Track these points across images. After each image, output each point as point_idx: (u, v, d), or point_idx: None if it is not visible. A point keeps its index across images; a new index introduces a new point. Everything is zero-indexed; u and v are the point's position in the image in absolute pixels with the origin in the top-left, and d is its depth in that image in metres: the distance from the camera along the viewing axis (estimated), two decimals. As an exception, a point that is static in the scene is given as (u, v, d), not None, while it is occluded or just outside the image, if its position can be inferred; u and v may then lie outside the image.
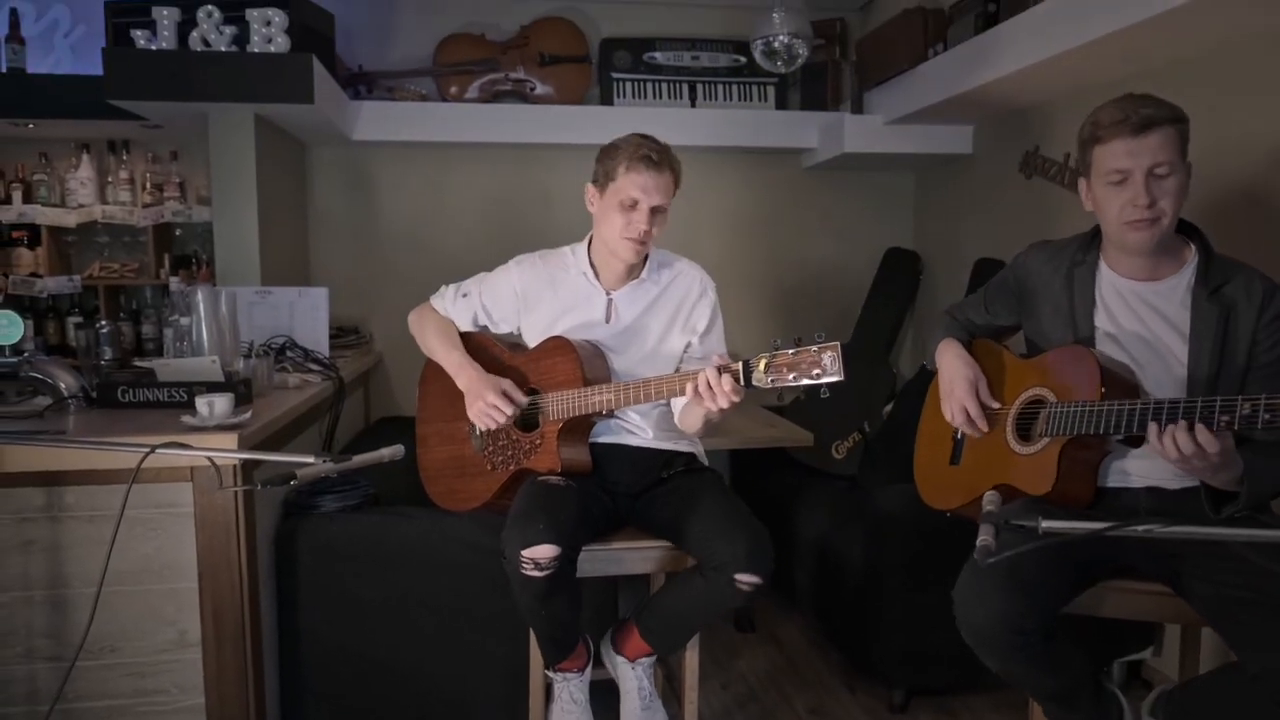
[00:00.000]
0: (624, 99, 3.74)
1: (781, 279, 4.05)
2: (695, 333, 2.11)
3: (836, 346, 1.56)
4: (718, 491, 1.99)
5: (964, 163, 3.63)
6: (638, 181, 1.95)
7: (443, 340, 2.15)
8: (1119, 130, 1.59)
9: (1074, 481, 1.67)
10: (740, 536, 1.82)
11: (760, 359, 1.64)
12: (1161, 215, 1.61)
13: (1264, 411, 1.34)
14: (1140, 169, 1.58)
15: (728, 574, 1.80)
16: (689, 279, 2.14)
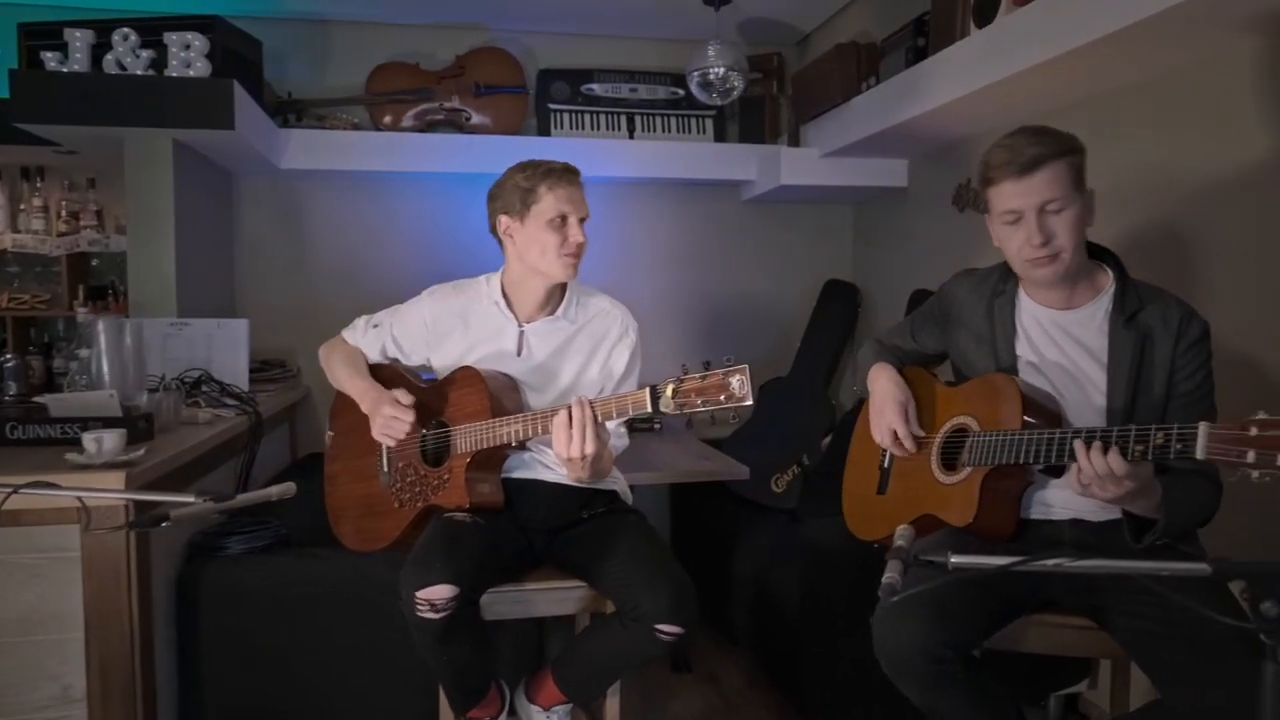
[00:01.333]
0: (562, 130, 3.71)
1: (720, 311, 4.03)
2: (612, 377, 2.04)
3: (745, 370, 1.52)
4: (640, 535, 1.92)
5: (900, 195, 3.66)
6: (563, 196, 1.92)
7: (348, 369, 2.08)
8: (1006, 172, 1.60)
9: (996, 512, 1.65)
10: (662, 585, 1.75)
11: (667, 384, 1.59)
12: (1060, 250, 1.60)
13: (1176, 441, 1.32)
14: (1031, 208, 1.58)
15: (648, 624, 1.74)
16: (609, 319, 2.08)
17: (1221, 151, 2.13)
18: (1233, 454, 1.19)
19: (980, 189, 1.69)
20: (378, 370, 2.10)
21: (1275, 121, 1.99)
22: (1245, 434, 1.18)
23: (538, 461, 2.00)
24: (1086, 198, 1.63)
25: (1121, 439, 1.40)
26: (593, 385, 2.02)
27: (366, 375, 2.06)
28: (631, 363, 2.06)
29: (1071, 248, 1.61)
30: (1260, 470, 1.15)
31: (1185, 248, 2.23)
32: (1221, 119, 2.12)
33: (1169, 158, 2.27)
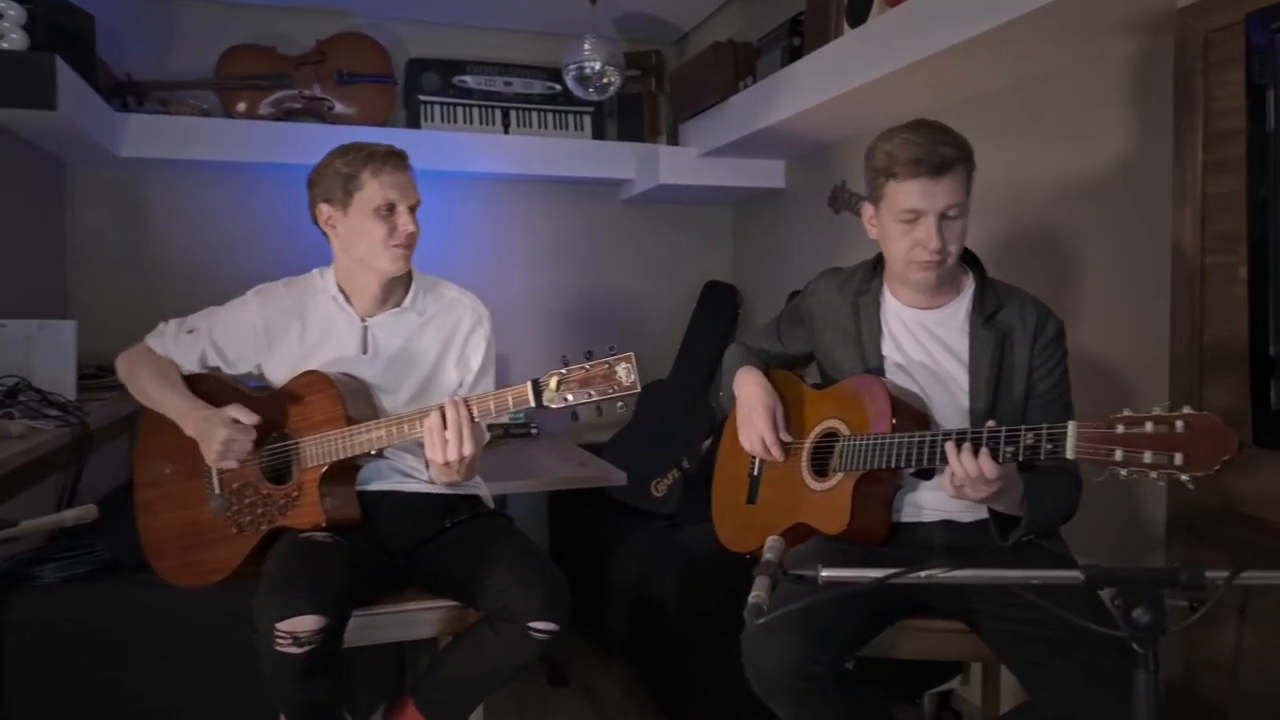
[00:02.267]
0: (433, 123, 3.55)
1: (600, 313, 3.94)
2: (469, 370, 1.91)
3: (631, 357, 1.44)
4: (508, 537, 1.81)
5: (778, 197, 3.66)
6: (389, 182, 1.78)
7: (160, 383, 1.84)
8: (916, 170, 1.53)
9: (868, 518, 1.61)
10: (536, 582, 1.65)
11: (551, 376, 1.49)
12: (948, 256, 1.58)
13: (1046, 442, 1.31)
14: (933, 211, 1.54)
15: (521, 623, 1.63)
16: (460, 308, 1.95)
17: (1085, 155, 2.18)
18: (1101, 453, 1.18)
19: (875, 179, 1.62)
20: (196, 383, 1.88)
21: (1137, 125, 2.04)
22: (1112, 432, 1.16)
23: (395, 470, 1.85)
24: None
25: (992, 440, 1.38)
26: (451, 381, 1.89)
27: (184, 390, 1.84)
28: (488, 354, 1.94)
29: (956, 253, 1.60)
30: (1128, 468, 1.14)
31: (1049, 250, 2.28)
32: (1087, 123, 2.17)
33: (1036, 161, 2.31)
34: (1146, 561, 2.00)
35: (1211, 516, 1.83)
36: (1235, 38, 1.68)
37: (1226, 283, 1.78)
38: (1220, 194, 1.78)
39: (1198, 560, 1.81)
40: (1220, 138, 1.78)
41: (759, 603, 0.97)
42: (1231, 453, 1.06)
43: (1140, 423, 1.15)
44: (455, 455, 1.58)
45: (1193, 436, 1.09)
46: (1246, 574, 0.91)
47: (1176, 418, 1.11)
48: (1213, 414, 1.09)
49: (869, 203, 1.67)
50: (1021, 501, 1.49)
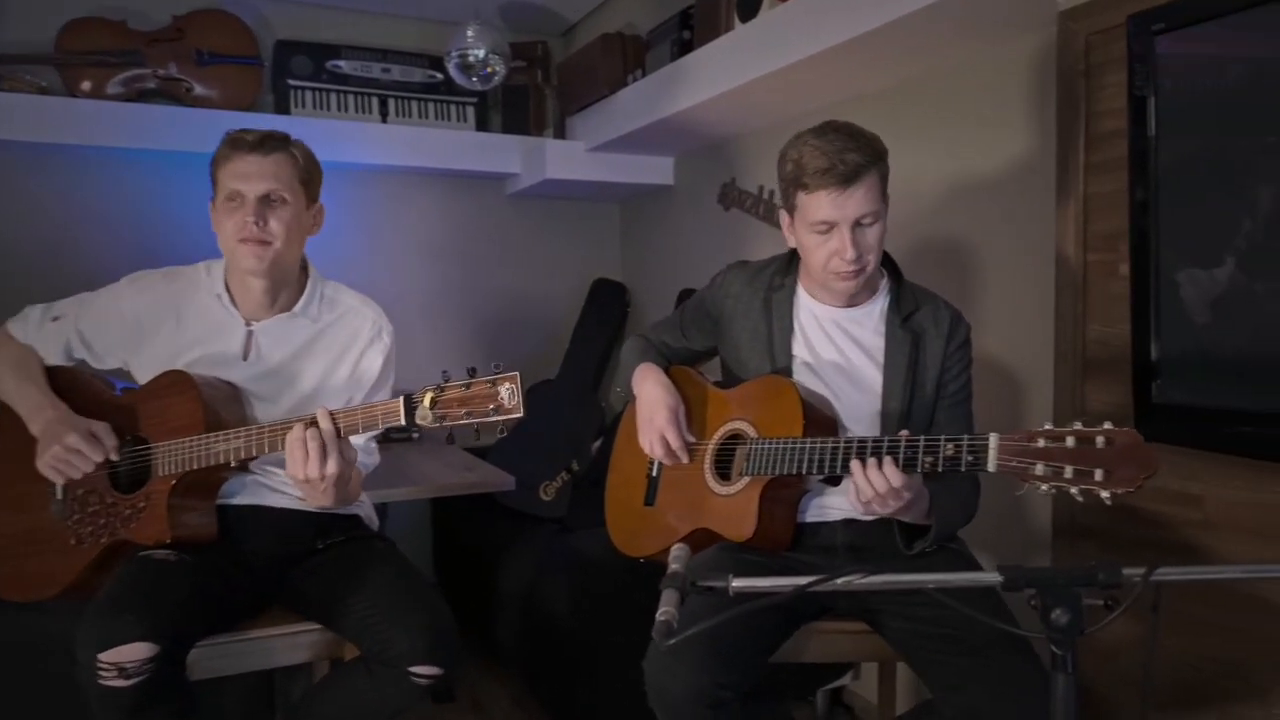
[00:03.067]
0: (303, 109, 3.33)
1: (485, 310, 3.81)
2: (362, 386, 1.77)
3: (515, 378, 1.34)
4: (389, 564, 1.67)
5: (666, 194, 3.62)
6: (238, 169, 1.62)
7: (16, 373, 1.65)
8: (825, 180, 1.47)
9: (775, 523, 1.57)
10: (417, 620, 1.52)
11: (425, 393, 1.38)
12: (867, 264, 1.55)
13: (967, 454, 1.28)
14: (846, 221, 1.50)
15: (400, 667, 1.49)
16: (359, 319, 1.81)
17: (977, 154, 2.20)
18: (1021, 466, 1.16)
19: (786, 188, 1.57)
20: (55, 374, 1.69)
21: (1026, 125, 2.07)
22: (1033, 445, 1.14)
23: (262, 485, 1.69)
24: (888, 204, 1.59)
25: (910, 450, 1.34)
26: (339, 395, 1.74)
27: (43, 384, 1.66)
28: (385, 369, 1.81)
29: (876, 260, 1.57)
30: (1049, 483, 1.12)
31: (942, 250, 2.30)
32: (979, 122, 2.19)
33: (928, 159, 2.33)
34: (1034, 558, 2.04)
35: (1096, 512, 1.88)
36: (1116, 40, 1.72)
37: (1109, 281, 1.83)
38: (1102, 194, 1.83)
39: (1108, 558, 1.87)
40: (1102, 139, 1.83)
41: (668, 620, 0.90)
42: (1152, 471, 1.06)
43: (1061, 437, 1.13)
44: (316, 472, 1.44)
45: (1114, 453, 1.07)
46: (1162, 570, 0.89)
47: (1098, 433, 1.10)
48: (1133, 429, 1.08)
49: (784, 210, 1.62)
50: (928, 511, 1.47)
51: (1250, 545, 1.62)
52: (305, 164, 1.70)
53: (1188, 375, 1.60)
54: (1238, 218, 1.48)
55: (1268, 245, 1.43)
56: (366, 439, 1.73)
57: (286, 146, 1.67)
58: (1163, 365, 1.61)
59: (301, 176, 1.69)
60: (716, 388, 1.73)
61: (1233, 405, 1.53)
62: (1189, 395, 1.60)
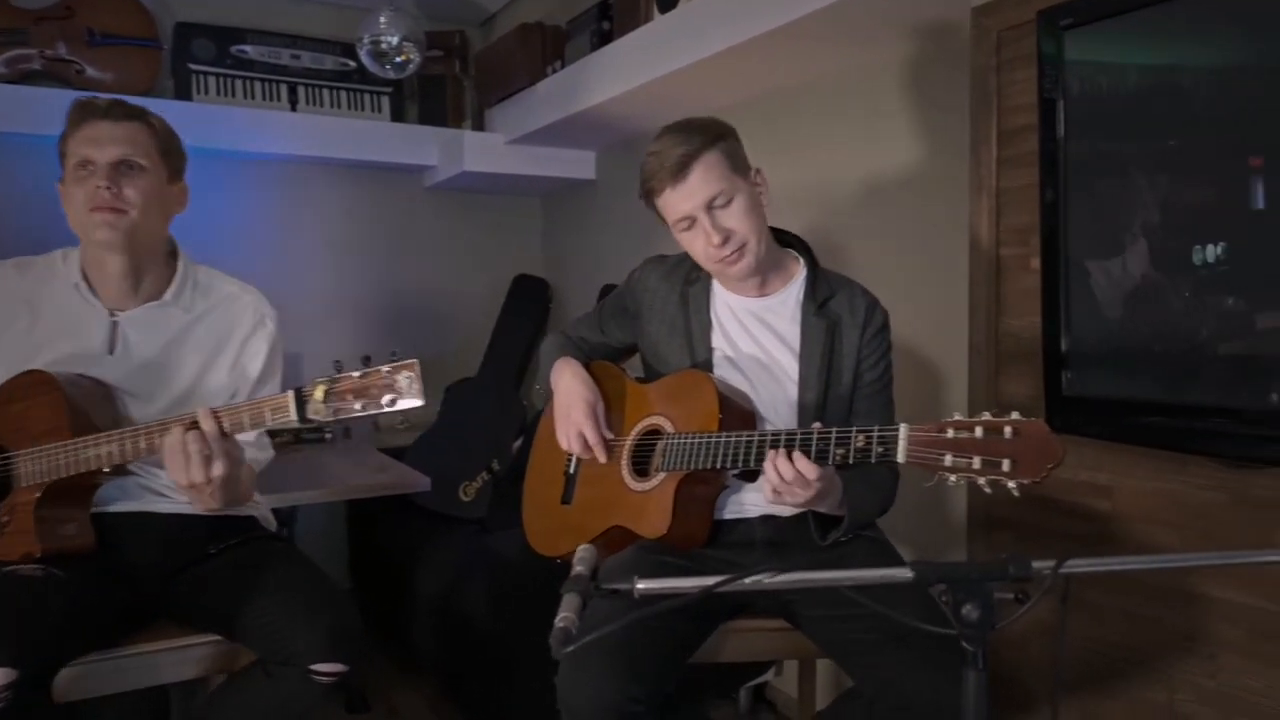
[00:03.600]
0: (206, 95, 3.18)
1: (401, 307, 3.69)
2: (246, 379, 1.67)
3: (414, 366, 1.26)
4: (287, 563, 1.59)
5: (588, 188, 3.57)
6: (88, 135, 1.51)
7: None
8: (662, 180, 1.50)
9: (690, 520, 1.53)
10: (318, 616, 1.44)
11: (318, 385, 1.29)
12: (744, 243, 1.52)
13: (877, 445, 1.26)
14: (699, 210, 1.49)
15: (301, 666, 1.41)
16: (238, 306, 1.70)
17: (895, 148, 2.20)
18: (931, 457, 1.14)
19: (647, 202, 1.58)
20: None
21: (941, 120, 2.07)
22: (942, 436, 1.13)
23: (146, 489, 1.58)
24: (753, 178, 1.56)
25: (822, 442, 1.32)
26: (221, 391, 1.64)
27: None
28: (272, 360, 1.71)
29: (755, 235, 1.53)
30: (957, 474, 1.11)
31: (860, 243, 2.30)
32: (897, 116, 2.19)
33: (846, 153, 2.33)
34: (949, 548, 2.06)
35: (1009, 503, 1.89)
36: (1027, 36, 1.74)
37: (1021, 274, 1.85)
38: (1014, 188, 1.84)
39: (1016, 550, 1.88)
40: (1014, 134, 1.85)
41: (567, 626, 0.85)
42: (1057, 461, 1.05)
43: (970, 427, 1.12)
44: (200, 477, 1.34)
45: (1020, 444, 1.07)
46: (1071, 562, 0.88)
47: (1005, 423, 1.09)
48: (1041, 420, 1.07)
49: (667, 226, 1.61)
50: (842, 501, 1.46)
51: (1156, 534, 1.66)
52: (165, 135, 1.60)
53: (1097, 367, 1.62)
54: (1143, 215, 1.50)
55: (1171, 242, 1.46)
56: (259, 434, 1.63)
57: (144, 115, 1.56)
58: (1072, 357, 1.63)
59: (161, 146, 1.58)
60: (636, 383, 1.69)
61: (1140, 396, 1.55)
62: (1098, 387, 1.62)
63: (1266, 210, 1.34)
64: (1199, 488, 1.59)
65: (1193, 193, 1.43)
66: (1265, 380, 1.37)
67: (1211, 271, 1.41)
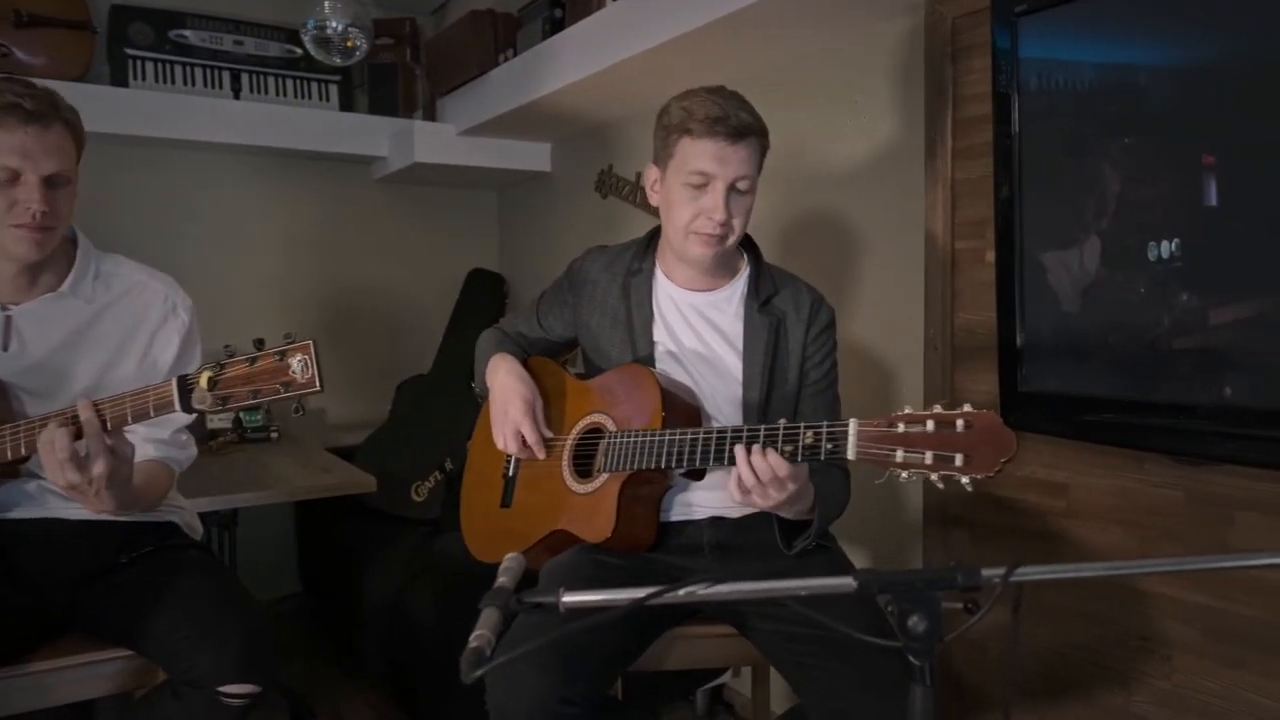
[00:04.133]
0: (143, 81, 3.05)
1: (351, 302, 3.59)
2: (159, 372, 1.57)
3: (308, 347, 1.17)
4: (200, 574, 1.50)
5: (544, 181, 3.49)
6: (11, 144, 1.38)
7: None
8: (714, 130, 1.41)
9: (635, 523, 1.47)
10: (229, 634, 1.36)
11: (203, 373, 1.21)
12: (730, 233, 1.47)
13: (826, 441, 1.21)
14: (725, 178, 1.43)
15: (208, 688, 1.33)
16: (147, 295, 1.60)
17: (853, 138, 2.15)
18: (882, 453, 1.09)
19: (667, 136, 1.48)
20: None
21: (900, 109, 2.03)
22: (893, 431, 1.08)
23: (51, 494, 1.48)
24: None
25: (770, 438, 1.26)
26: (129, 386, 1.54)
27: None
28: (186, 352, 1.60)
29: (739, 232, 1.50)
30: (909, 470, 1.06)
31: (818, 235, 2.26)
32: (855, 106, 2.14)
33: (806, 144, 2.28)
34: (907, 548, 2.02)
35: (966, 502, 1.86)
36: (983, 24, 1.70)
37: (977, 268, 1.81)
38: (970, 179, 1.81)
39: (971, 551, 1.85)
40: (969, 124, 1.81)
41: (480, 646, 0.78)
42: (1009, 454, 1.01)
43: (921, 421, 1.07)
44: (76, 476, 1.25)
45: (973, 437, 1.02)
46: (1022, 570, 0.83)
47: (957, 416, 1.04)
48: (992, 412, 1.03)
49: (654, 165, 1.53)
50: (813, 507, 1.40)
51: (1111, 533, 1.63)
52: (79, 131, 1.49)
53: (1053, 363, 1.59)
54: (1097, 211, 1.47)
55: (1126, 238, 1.43)
56: (174, 431, 1.54)
57: (60, 113, 1.45)
58: (1028, 353, 1.60)
59: (79, 147, 1.48)
60: (576, 379, 1.62)
61: (1095, 393, 1.52)
62: (1054, 383, 1.59)
63: (1220, 207, 1.32)
64: (1155, 485, 1.56)
65: (1148, 189, 1.41)
66: (1219, 376, 1.34)
67: (1166, 267, 1.38)
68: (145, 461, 1.49)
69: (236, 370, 1.20)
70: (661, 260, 1.59)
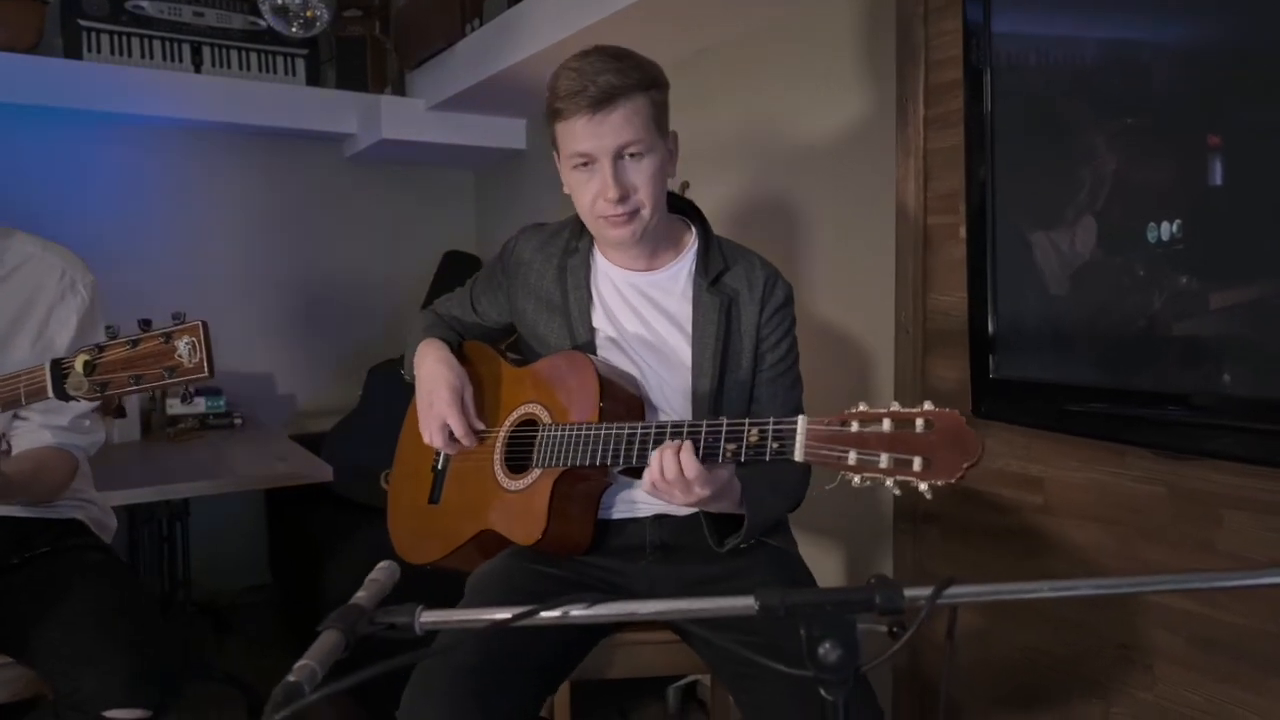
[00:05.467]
0: (98, 54, 2.93)
1: (321, 286, 3.47)
2: (53, 350, 1.44)
3: (198, 328, 1.06)
4: (97, 581, 1.39)
5: (519, 159, 3.37)
6: None
7: None
8: (576, 104, 1.27)
9: (569, 522, 1.35)
10: (117, 653, 1.25)
11: (80, 356, 1.10)
12: (640, 206, 1.33)
13: (772, 440, 1.09)
14: (605, 152, 1.29)
15: (94, 712, 1.22)
16: (41, 269, 1.48)
17: (823, 108, 2.03)
18: (833, 455, 0.97)
19: (549, 123, 1.36)
20: None
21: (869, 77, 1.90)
22: (845, 430, 0.96)
23: None
24: (670, 142, 1.38)
25: (711, 437, 1.15)
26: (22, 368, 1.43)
27: None
28: (85, 331, 1.48)
29: (653, 201, 1.34)
30: (863, 474, 0.94)
31: (785, 209, 2.13)
32: (825, 74, 2.01)
33: (776, 113, 2.15)
34: (877, 545, 1.90)
35: (937, 497, 1.74)
36: (954, -20, 1.57)
37: (950, 245, 1.69)
38: (943, 149, 1.68)
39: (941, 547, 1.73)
40: (942, 90, 1.68)
41: (297, 681, 0.67)
42: (974, 458, 0.89)
43: (877, 419, 0.95)
44: None
45: (933, 438, 0.90)
46: (951, 591, 0.72)
47: (916, 415, 0.92)
48: (956, 410, 0.91)
49: (554, 151, 1.40)
50: (741, 501, 1.29)
51: (1089, 532, 1.51)
52: None
53: (1030, 349, 1.47)
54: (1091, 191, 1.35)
55: (1104, 219, 1.32)
56: (74, 417, 1.43)
57: None
58: (1001, 338, 1.47)
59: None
60: (513, 366, 1.50)
61: (1076, 381, 1.40)
62: (1030, 370, 1.47)
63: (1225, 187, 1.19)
64: (1137, 480, 1.44)
65: (1148, 169, 1.28)
66: (1218, 364, 1.21)
67: (1168, 249, 1.26)
68: (40, 449, 1.38)
69: (116, 354, 1.09)
70: (599, 240, 1.47)
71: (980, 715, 1.71)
